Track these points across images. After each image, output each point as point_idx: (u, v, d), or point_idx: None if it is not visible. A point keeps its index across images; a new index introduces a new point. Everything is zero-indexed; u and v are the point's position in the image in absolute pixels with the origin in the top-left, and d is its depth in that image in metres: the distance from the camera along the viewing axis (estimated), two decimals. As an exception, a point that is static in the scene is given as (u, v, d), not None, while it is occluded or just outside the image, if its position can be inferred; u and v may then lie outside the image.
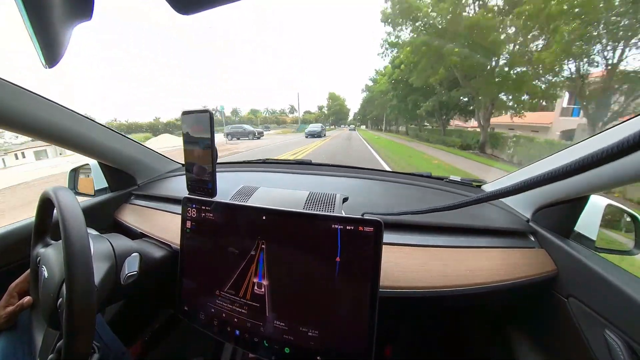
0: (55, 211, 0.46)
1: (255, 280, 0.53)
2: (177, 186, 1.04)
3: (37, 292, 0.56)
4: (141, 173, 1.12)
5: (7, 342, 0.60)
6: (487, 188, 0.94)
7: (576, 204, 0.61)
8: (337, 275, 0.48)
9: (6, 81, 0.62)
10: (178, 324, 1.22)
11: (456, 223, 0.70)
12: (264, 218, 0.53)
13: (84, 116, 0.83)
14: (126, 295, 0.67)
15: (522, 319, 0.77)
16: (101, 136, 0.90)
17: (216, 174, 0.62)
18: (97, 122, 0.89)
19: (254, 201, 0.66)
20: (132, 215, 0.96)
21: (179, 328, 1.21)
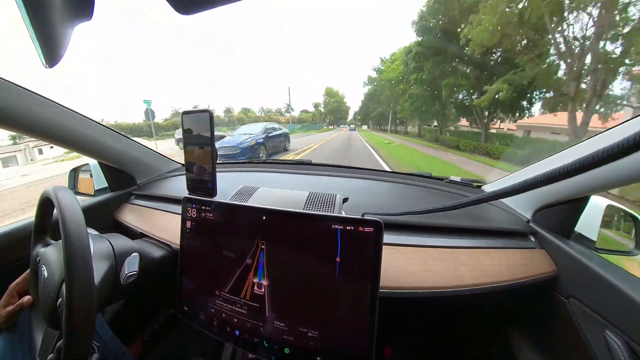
0: (55, 211, 0.46)
1: (255, 280, 0.53)
2: (177, 186, 1.04)
3: (37, 292, 0.56)
4: (141, 173, 1.12)
5: (7, 342, 0.60)
6: (487, 188, 0.94)
7: (576, 204, 0.61)
8: (337, 276, 0.48)
9: (7, 81, 0.62)
10: (178, 324, 1.22)
11: (456, 224, 0.70)
12: (264, 218, 0.53)
13: (84, 116, 0.83)
14: (126, 295, 0.67)
15: (522, 320, 0.76)
16: (101, 136, 0.90)
17: (216, 174, 0.62)
18: (97, 122, 0.89)
19: (254, 201, 0.66)
20: (132, 215, 0.96)
21: (179, 328, 1.21)
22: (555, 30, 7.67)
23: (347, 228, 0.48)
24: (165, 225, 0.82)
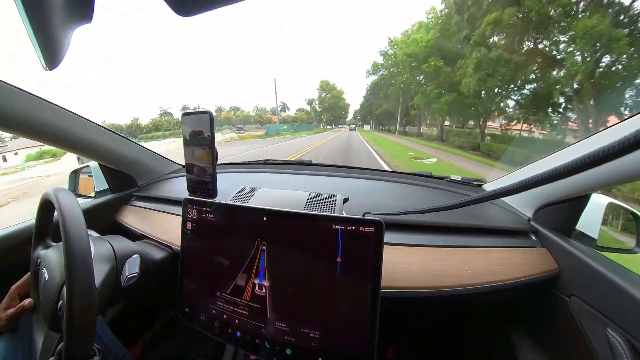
0: (56, 213, 0.46)
1: (256, 281, 0.53)
2: (178, 187, 1.04)
3: (38, 294, 0.56)
4: (142, 174, 1.12)
5: (8, 345, 0.60)
6: (488, 187, 0.94)
7: (577, 202, 0.61)
8: (338, 276, 0.48)
9: (7, 84, 0.62)
10: (179, 325, 1.21)
11: (457, 223, 0.70)
12: (265, 219, 0.53)
13: (84, 118, 0.83)
14: (127, 297, 0.67)
15: (524, 319, 0.76)
16: (102, 138, 0.90)
17: (216, 175, 0.62)
18: (98, 124, 0.89)
19: (254, 202, 0.66)
20: (133, 216, 0.96)
21: (180, 329, 1.20)
22: None
23: (348, 228, 0.47)
24: (165, 227, 0.82)
